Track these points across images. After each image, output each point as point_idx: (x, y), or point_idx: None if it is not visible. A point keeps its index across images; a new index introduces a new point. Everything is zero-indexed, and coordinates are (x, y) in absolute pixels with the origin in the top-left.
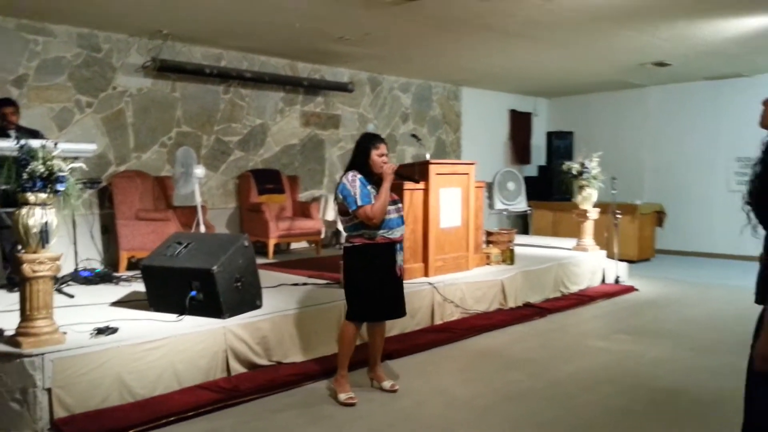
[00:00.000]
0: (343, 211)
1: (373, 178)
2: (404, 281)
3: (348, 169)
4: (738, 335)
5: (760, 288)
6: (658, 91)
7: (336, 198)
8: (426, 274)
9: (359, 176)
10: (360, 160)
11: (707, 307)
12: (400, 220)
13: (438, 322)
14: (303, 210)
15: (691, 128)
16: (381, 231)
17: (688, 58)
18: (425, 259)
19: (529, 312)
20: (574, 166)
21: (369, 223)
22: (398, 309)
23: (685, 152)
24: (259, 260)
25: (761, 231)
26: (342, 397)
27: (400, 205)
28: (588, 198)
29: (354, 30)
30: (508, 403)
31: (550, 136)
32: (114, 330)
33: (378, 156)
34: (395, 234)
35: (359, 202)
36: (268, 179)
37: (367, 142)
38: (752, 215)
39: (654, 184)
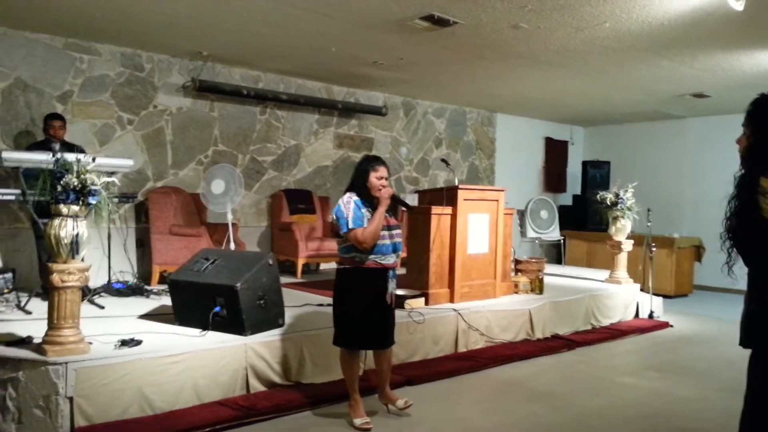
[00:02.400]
0: (336, 232)
1: (372, 201)
2: (429, 306)
3: (347, 190)
4: None
5: (745, 329)
6: (699, 123)
7: (331, 218)
8: (451, 300)
9: (355, 198)
10: (358, 181)
11: None
12: (393, 247)
13: (462, 349)
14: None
15: (732, 161)
16: (372, 256)
17: (727, 90)
18: (451, 285)
19: (556, 344)
20: (608, 197)
21: (360, 247)
22: (382, 339)
23: (726, 186)
24: (288, 279)
25: (737, 269)
26: (357, 422)
27: (398, 231)
28: (622, 229)
29: (388, 55)
30: None
31: (586, 165)
32: (138, 342)
33: (376, 179)
34: (388, 260)
35: (350, 225)
36: (299, 199)
37: (366, 164)
38: (733, 252)
39: (693, 217)
